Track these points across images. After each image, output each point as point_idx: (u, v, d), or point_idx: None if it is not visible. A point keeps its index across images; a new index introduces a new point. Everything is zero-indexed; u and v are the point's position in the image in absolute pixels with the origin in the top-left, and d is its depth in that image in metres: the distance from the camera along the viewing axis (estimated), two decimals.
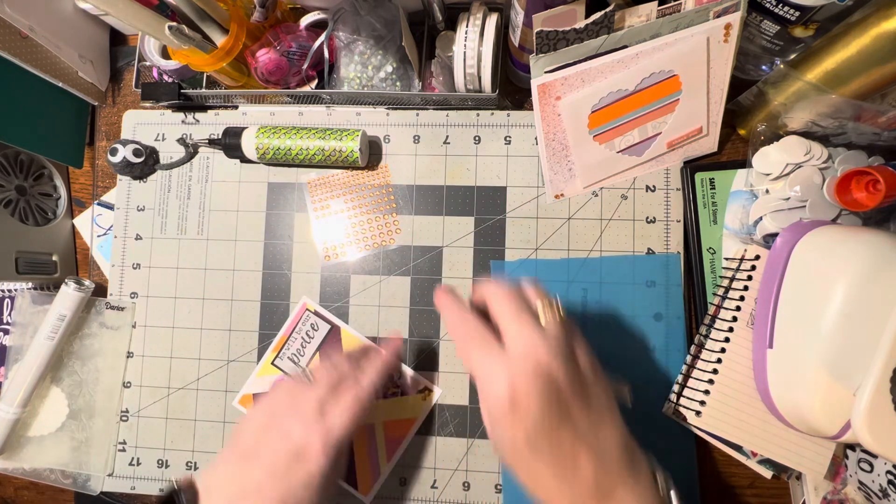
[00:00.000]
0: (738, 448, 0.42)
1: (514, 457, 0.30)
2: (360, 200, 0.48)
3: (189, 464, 0.48)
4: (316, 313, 0.48)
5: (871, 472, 0.39)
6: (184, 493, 0.34)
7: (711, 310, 0.43)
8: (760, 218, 0.42)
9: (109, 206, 0.52)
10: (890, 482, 0.37)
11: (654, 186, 0.46)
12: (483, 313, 0.33)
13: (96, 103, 0.52)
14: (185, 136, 0.50)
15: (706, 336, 0.42)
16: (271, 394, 0.38)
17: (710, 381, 0.41)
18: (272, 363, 0.48)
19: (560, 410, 0.29)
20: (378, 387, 0.38)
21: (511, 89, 0.49)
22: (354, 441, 0.46)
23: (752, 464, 0.42)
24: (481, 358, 0.30)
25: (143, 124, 0.51)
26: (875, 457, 0.39)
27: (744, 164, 0.44)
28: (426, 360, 0.47)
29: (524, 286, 0.34)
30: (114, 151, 0.48)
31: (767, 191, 0.42)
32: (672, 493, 0.31)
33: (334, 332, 0.47)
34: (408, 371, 0.47)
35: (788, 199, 0.40)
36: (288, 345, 0.48)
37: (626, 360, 0.45)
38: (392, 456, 0.46)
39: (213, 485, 0.35)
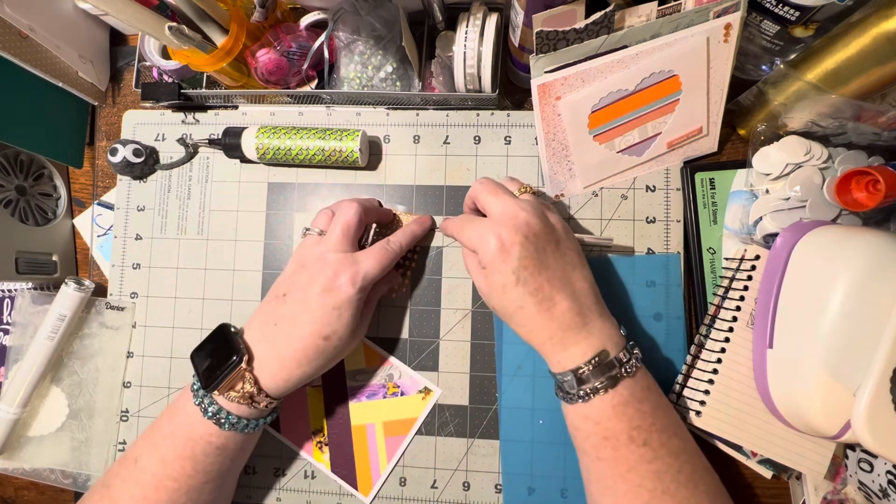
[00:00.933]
0: (738, 448, 0.42)
1: (504, 296, 0.36)
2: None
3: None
4: None
5: (871, 472, 0.39)
6: (232, 327, 0.40)
7: (711, 310, 0.43)
8: (760, 218, 0.42)
9: (109, 206, 0.52)
10: (890, 482, 0.37)
11: (654, 186, 0.46)
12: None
13: (96, 103, 0.52)
14: (185, 136, 0.50)
15: (706, 336, 0.42)
16: (302, 244, 0.42)
17: (710, 381, 0.41)
18: None
19: (538, 254, 0.35)
20: (404, 246, 0.43)
21: (511, 89, 0.49)
22: (354, 441, 0.46)
23: (752, 464, 0.42)
24: (473, 228, 0.37)
25: (143, 124, 0.51)
26: (875, 457, 0.39)
27: (744, 164, 0.44)
28: (426, 359, 0.47)
29: (504, 179, 0.41)
30: (114, 151, 0.48)
31: (767, 191, 0.42)
32: (634, 343, 0.38)
33: None
34: (408, 371, 0.47)
35: (788, 199, 0.40)
36: None
37: None
38: (392, 456, 0.46)
39: (253, 320, 0.40)
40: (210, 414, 0.37)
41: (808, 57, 0.38)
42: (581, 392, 0.35)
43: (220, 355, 0.38)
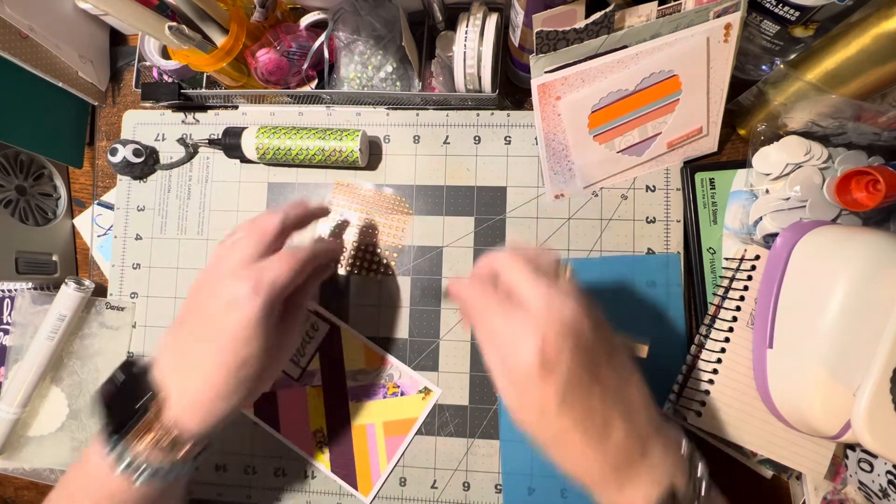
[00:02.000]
0: (738, 448, 0.42)
1: (542, 421, 0.28)
2: (373, 219, 0.48)
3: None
4: (316, 313, 0.48)
5: (871, 472, 0.39)
6: (139, 361, 0.34)
7: (711, 310, 0.43)
8: (760, 218, 0.42)
9: (109, 206, 0.52)
10: (890, 482, 0.37)
11: (654, 186, 0.46)
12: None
13: (96, 103, 0.52)
14: (185, 136, 0.50)
15: (706, 336, 0.42)
16: (209, 261, 0.36)
17: (710, 381, 0.41)
18: None
19: (590, 367, 0.27)
20: (317, 255, 0.35)
21: (511, 89, 0.49)
22: (354, 441, 0.46)
23: (752, 464, 0.42)
24: (503, 322, 0.28)
25: (143, 124, 0.51)
26: (875, 457, 0.39)
27: (744, 164, 0.44)
28: (426, 359, 0.47)
29: (532, 251, 0.32)
30: (114, 151, 0.48)
31: (767, 191, 0.42)
32: (696, 455, 0.30)
33: (334, 332, 0.47)
34: (408, 371, 0.47)
35: (788, 199, 0.40)
36: None
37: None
38: (392, 456, 0.46)
39: (160, 354, 0.34)
40: (124, 465, 0.31)
41: (808, 57, 0.38)
42: None
43: (128, 395, 0.32)
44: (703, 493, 0.28)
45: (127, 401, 0.32)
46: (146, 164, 0.50)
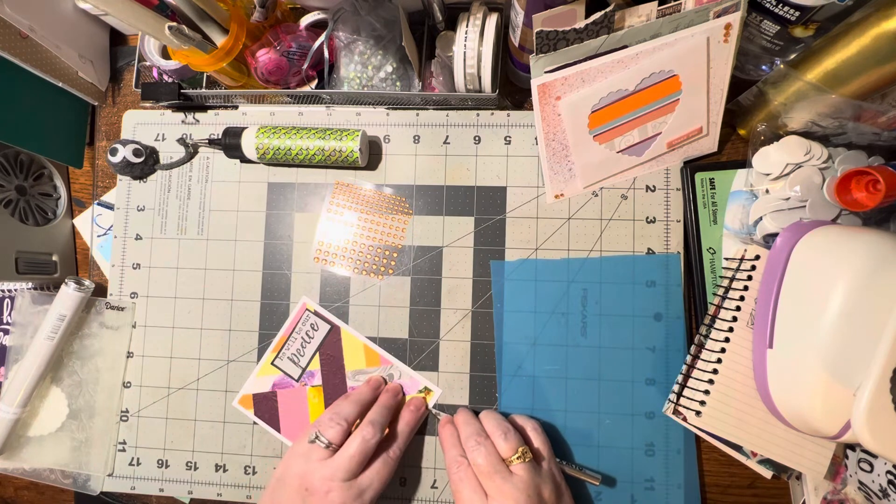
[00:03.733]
0: (738, 448, 0.42)
1: None
2: (373, 219, 0.48)
3: (189, 464, 0.48)
4: (316, 313, 0.48)
5: (871, 472, 0.39)
6: None
7: (711, 310, 0.43)
8: (760, 218, 0.42)
9: (109, 206, 0.52)
10: (890, 482, 0.37)
11: (654, 186, 0.46)
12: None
13: (96, 103, 0.52)
14: (185, 136, 0.50)
15: (706, 336, 0.42)
16: (296, 460, 0.40)
17: (710, 381, 0.41)
18: (272, 363, 0.48)
19: None
20: (403, 447, 0.43)
21: (511, 89, 0.49)
22: None
23: (752, 464, 0.42)
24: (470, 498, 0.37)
25: (143, 124, 0.51)
26: (875, 457, 0.39)
27: (744, 164, 0.44)
28: (426, 359, 0.47)
29: (493, 430, 0.40)
30: (114, 151, 0.48)
31: (767, 191, 0.42)
32: None
33: (334, 332, 0.47)
34: (408, 371, 0.47)
35: (788, 199, 0.40)
36: (288, 345, 0.48)
37: (626, 360, 0.45)
38: None
39: None
40: None
41: (808, 57, 0.38)
42: None
43: None
44: None
45: None
46: (146, 164, 0.50)
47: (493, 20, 0.42)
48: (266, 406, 0.48)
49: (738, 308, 0.41)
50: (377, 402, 0.44)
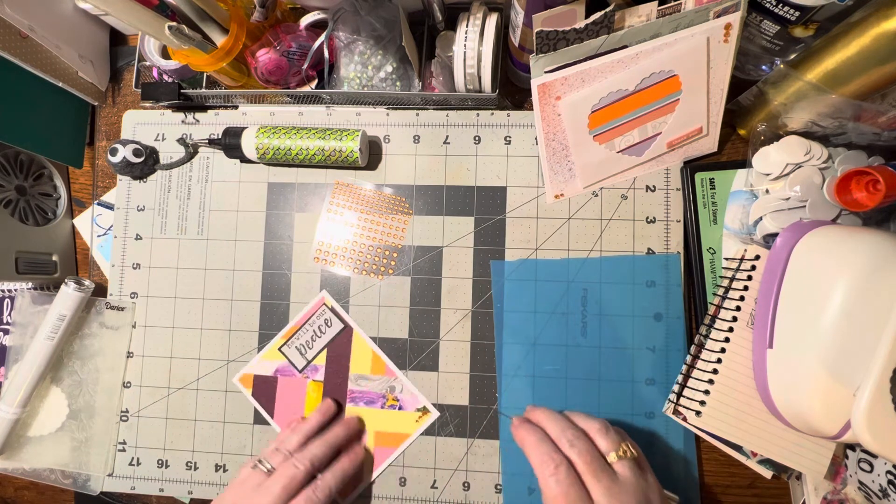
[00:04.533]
0: (738, 448, 0.42)
1: None
2: (373, 219, 0.48)
3: (189, 464, 0.48)
4: (332, 310, 0.48)
5: (871, 472, 0.39)
6: None
7: (711, 310, 0.43)
8: (760, 218, 0.42)
9: (109, 206, 0.52)
10: (890, 482, 0.37)
11: (654, 186, 0.46)
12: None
13: (96, 103, 0.52)
14: (185, 136, 0.50)
15: (706, 336, 0.42)
16: (235, 487, 0.41)
17: (710, 381, 0.41)
18: (279, 349, 0.48)
19: None
20: (334, 489, 0.41)
21: (511, 89, 0.49)
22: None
23: (752, 464, 0.42)
24: None
25: (143, 124, 0.51)
26: (875, 457, 0.39)
27: (744, 164, 0.44)
28: (426, 359, 0.47)
29: (592, 428, 0.36)
30: (114, 151, 0.48)
31: (767, 191, 0.42)
32: None
33: (346, 332, 0.47)
34: (410, 387, 0.46)
35: (788, 199, 0.40)
36: (299, 334, 0.48)
37: (626, 360, 0.45)
38: (378, 466, 0.46)
39: None
40: None
41: (808, 57, 0.38)
42: None
43: None
44: None
45: None
46: (146, 164, 0.50)
47: (493, 20, 0.42)
48: (265, 389, 0.48)
49: (738, 308, 0.41)
50: (322, 437, 0.43)
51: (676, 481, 0.44)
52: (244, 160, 0.49)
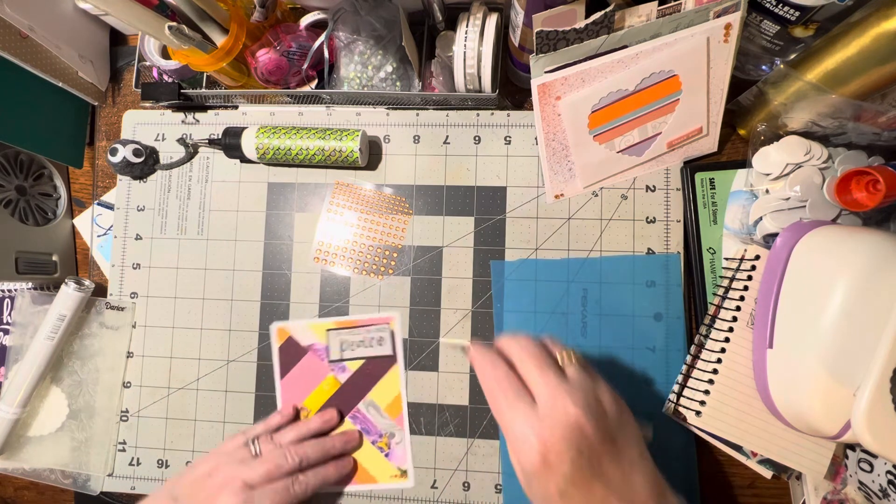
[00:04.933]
0: (738, 448, 0.42)
1: None
2: (373, 219, 0.48)
3: (189, 464, 0.48)
4: (392, 334, 0.47)
5: (871, 472, 0.39)
6: None
7: (711, 310, 0.43)
8: (760, 218, 0.42)
9: (109, 206, 0.52)
10: (890, 482, 0.37)
11: (654, 186, 0.46)
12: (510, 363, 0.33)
13: (96, 103, 0.52)
14: (185, 136, 0.50)
15: (706, 336, 0.42)
16: (219, 455, 0.42)
17: (710, 381, 0.41)
18: (328, 330, 0.47)
19: (591, 465, 0.29)
20: (312, 488, 0.42)
21: (511, 89, 0.49)
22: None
23: (752, 464, 0.42)
24: (513, 416, 0.30)
25: (143, 124, 0.51)
26: (875, 457, 0.39)
27: (744, 164, 0.44)
28: (426, 359, 0.47)
29: (541, 339, 0.34)
30: (114, 151, 0.48)
31: (767, 191, 0.42)
32: None
33: (388, 360, 0.47)
34: (408, 445, 0.46)
35: (788, 199, 0.40)
36: (353, 331, 0.47)
37: (626, 360, 0.45)
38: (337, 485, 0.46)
39: None
40: None
41: (808, 57, 0.38)
42: None
43: None
44: None
45: None
46: (146, 164, 0.50)
47: (493, 20, 0.42)
48: (291, 353, 0.47)
49: (738, 308, 0.41)
50: (320, 441, 0.44)
51: (676, 481, 0.44)
52: (244, 160, 0.49)
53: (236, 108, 0.51)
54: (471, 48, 0.42)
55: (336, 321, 0.47)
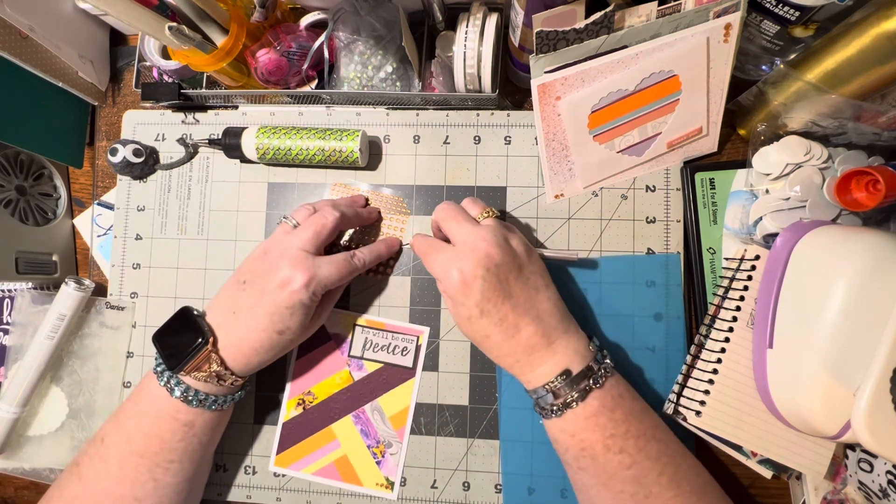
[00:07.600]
0: (738, 448, 0.42)
1: (470, 326, 0.37)
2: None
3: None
4: (417, 348, 0.47)
5: (871, 472, 0.39)
6: (195, 310, 0.41)
7: (711, 310, 0.43)
8: (760, 218, 0.42)
9: (109, 206, 0.52)
10: (890, 482, 0.37)
11: (654, 186, 0.46)
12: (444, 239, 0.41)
13: (96, 103, 0.52)
14: (185, 136, 0.50)
15: (706, 336, 0.42)
16: (265, 241, 0.43)
17: (710, 381, 0.41)
18: (356, 324, 0.47)
19: (500, 285, 0.36)
20: (367, 263, 0.44)
21: (511, 89, 0.49)
22: (315, 435, 0.47)
23: (752, 464, 0.42)
24: (436, 259, 0.38)
25: (143, 124, 0.51)
26: (875, 457, 0.39)
27: (744, 164, 0.44)
28: (426, 360, 0.47)
29: (465, 201, 0.41)
30: (114, 151, 0.48)
31: (767, 191, 0.42)
32: (603, 352, 0.39)
33: (407, 372, 0.46)
34: (402, 459, 0.46)
35: (788, 199, 0.40)
36: (380, 333, 0.47)
37: (626, 360, 0.45)
38: (318, 476, 0.46)
39: (215, 304, 0.41)
40: (178, 393, 0.38)
41: (808, 57, 0.38)
42: (553, 407, 0.36)
43: (185, 337, 0.39)
44: (603, 373, 0.37)
45: (184, 341, 0.39)
46: (146, 164, 0.50)
47: (493, 20, 0.42)
48: (320, 334, 0.47)
49: (738, 308, 0.41)
50: (350, 202, 0.46)
51: None
52: (244, 160, 0.49)
53: (236, 108, 0.51)
54: (471, 48, 0.42)
55: (367, 319, 0.47)
